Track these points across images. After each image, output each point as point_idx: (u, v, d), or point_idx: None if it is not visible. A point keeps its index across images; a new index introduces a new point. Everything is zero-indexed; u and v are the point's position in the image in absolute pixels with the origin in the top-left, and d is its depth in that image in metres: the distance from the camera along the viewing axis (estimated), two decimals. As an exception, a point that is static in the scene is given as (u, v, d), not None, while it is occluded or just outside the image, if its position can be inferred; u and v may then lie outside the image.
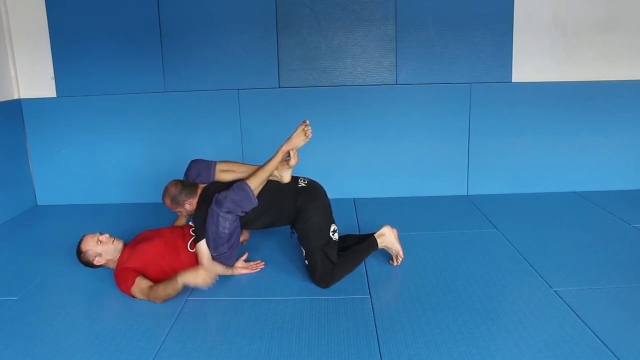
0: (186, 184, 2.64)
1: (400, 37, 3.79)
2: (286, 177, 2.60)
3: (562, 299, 2.29)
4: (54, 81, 3.92)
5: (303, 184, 2.62)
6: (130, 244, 2.60)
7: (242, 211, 2.45)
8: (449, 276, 2.57)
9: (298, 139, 2.55)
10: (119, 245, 2.54)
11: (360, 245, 2.68)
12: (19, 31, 3.86)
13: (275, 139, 3.81)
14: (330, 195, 2.69)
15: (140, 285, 2.36)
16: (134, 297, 2.38)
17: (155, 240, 2.57)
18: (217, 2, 3.76)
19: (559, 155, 3.93)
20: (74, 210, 3.91)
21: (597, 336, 1.98)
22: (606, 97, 3.86)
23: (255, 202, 2.45)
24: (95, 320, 2.28)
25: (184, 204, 2.63)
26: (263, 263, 2.76)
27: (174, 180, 2.68)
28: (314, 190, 2.62)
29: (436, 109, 3.88)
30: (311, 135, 2.56)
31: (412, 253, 2.83)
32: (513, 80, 3.84)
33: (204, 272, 2.31)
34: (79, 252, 2.52)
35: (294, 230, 2.63)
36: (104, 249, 2.50)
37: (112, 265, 2.55)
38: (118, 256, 2.53)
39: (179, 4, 3.75)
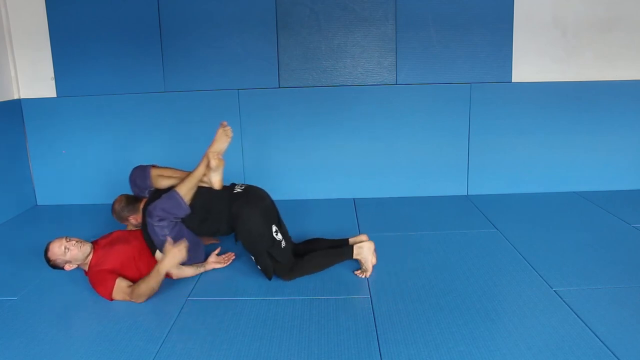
0: (130, 200, 2.75)
1: (400, 37, 3.79)
2: (216, 182, 2.57)
3: (562, 299, 2.29)
4: (54, 81, 3.92)
5: (239, 190, 2.59)
6: (100, 244, 2.55)
7: (175, 217, 2.45)
8: (449, 276, 2.57)
9: (220, 142, 2.56)
10: (86, 249, 2.48)
11: (333, 250, 2.64)
12: (19, 31, 3.85)
13: (276, 138, 3.82)
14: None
15: (121, 286, 2.36)
16: (112, 299, 2.37)
17: (131, 241, 2.56)
18: (217, 2, 3.75)
19: (559, 155, 3.93)
20: (74, 210, 3.91)
21: (597, 336, 1.98)
22: (606, 97, 3.86)
23: (186, 208, 2.46)
24: (95, 320, 2.27)
25: (128, 218, 2.75)
26: (233, 255, 2.80)
27: (120, 195, 2.80)
28: (251, 194, 2.57)
29: (436, 109, 3.87)
30: (232, 134, 2.56)
31: (412, 253, 2.83)
32: (513, 80, 3.84)
33: (177, 250, 2.36)
34: (47, 260, 2.47)
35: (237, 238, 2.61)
36: (72, 255, 2.44)
37: (84, 267, 2.51)
38: (89, 258, 2.49)
39: (179, 4, 3.76)
